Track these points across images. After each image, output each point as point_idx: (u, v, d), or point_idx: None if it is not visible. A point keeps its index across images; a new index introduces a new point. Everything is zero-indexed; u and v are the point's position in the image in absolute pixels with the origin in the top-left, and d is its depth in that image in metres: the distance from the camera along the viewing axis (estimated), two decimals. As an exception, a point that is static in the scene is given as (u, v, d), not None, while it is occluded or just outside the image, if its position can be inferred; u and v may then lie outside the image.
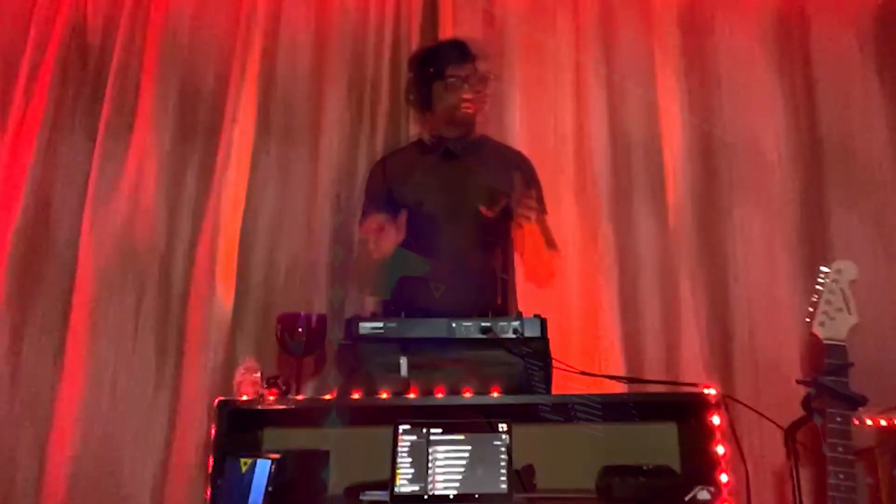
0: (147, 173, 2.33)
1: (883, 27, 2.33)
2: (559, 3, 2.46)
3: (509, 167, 1.89)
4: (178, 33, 2.46)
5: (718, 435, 1.41)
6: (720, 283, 2.22)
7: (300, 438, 1.70)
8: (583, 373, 1.58)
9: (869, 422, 1.60)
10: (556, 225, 2.09)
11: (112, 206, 2.30)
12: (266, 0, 2.48)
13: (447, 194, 1.92)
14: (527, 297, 2.16)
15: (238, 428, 1.53)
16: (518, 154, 2.06)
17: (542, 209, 1.99)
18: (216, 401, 1.51)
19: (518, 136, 2.32)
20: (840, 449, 1.37)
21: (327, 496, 1.66)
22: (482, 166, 1.94)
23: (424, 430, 1.50)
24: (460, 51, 1.95)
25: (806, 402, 1.43)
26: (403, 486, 1.45)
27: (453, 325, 1.56)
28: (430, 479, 1.45)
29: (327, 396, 1.61)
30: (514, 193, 1.78)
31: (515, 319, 1.56)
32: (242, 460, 1.43)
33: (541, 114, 2.38)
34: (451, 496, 1.44)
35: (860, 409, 1.42)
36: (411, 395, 1.51)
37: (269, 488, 1.39)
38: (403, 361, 1.55)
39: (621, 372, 2.08)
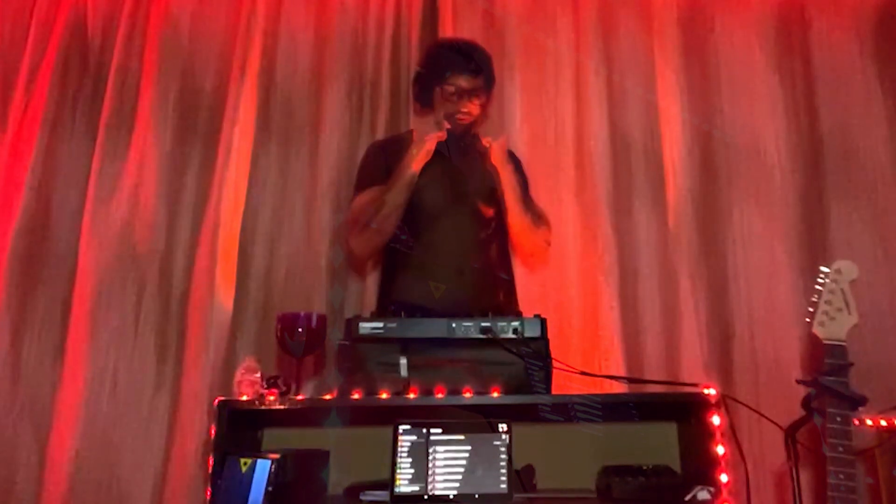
0: (147, 173, 2.32)
1: (883, 27, 2.33)
2: (559, 3, 2.46)
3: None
4: (178, 33, 2.46)
5: (718, 435, 1.41)
6: (720, 283, 2.21)
7: (300, 438, 1.69)
8: (583, 373, 1.58)
9: (869, 422, 1.60)
10: (556, 225, 2.08)
11: (112, 206, 2.29)
12: (266, 0, 2.48)
13: (446, 191, 1.92)
14: (527, 297, 2.16)
15: (238, 428, 1.53)
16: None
17: (526, 198, 1.97)
18: (216, 401, 1.51)
19: (518, 136, 2.32)
20: (840, 449, 1.37)
21: (327, 496, 1.66)
22: (474, 164, 1.94)
23: (424, 430, 1.50)
24: (470, 62, 1.92)
25: (806, 402, 1.43)
26: (403, 486, 1.45)
27: (453, 325, 1.55)
28: (430, 479, 1.45)
29: (327, 396, 1.61)
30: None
31: (515, 319, 1.56)
32: (242, 460, 1.43)
33: (541, 114, 2.38)
34: (451, 496, 1.44)
35: (860, 409, 1.42)
36: (411, 395, 1.51)
37: (269, 488, 1.39)
38: (403, 361, 1.55)
39: (621, 372, 2.07)
